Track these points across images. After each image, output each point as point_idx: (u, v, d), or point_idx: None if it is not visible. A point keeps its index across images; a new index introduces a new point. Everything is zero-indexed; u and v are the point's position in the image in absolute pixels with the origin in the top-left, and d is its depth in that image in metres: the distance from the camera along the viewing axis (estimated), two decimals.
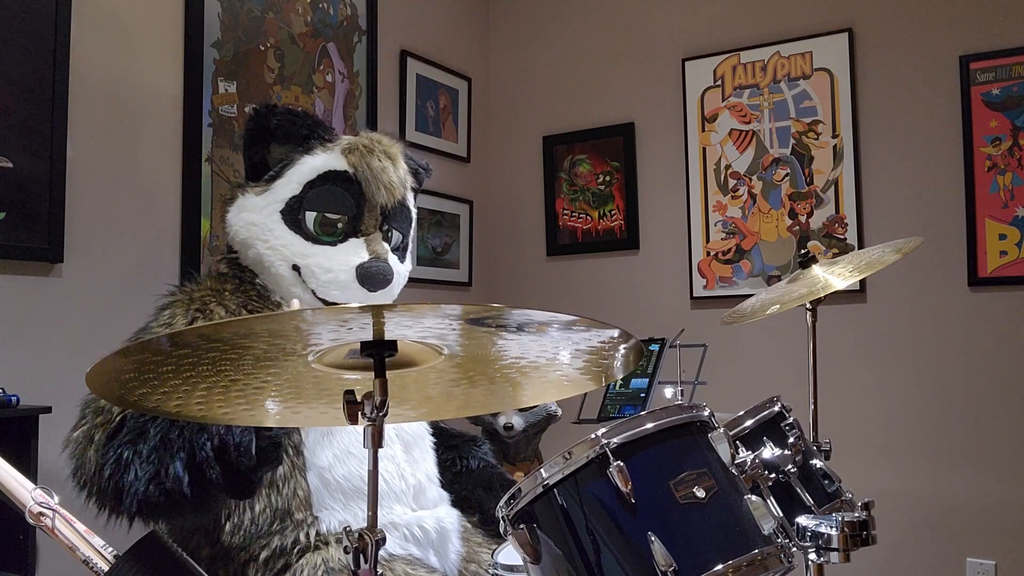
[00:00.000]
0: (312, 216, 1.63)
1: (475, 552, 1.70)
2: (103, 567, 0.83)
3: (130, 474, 1.34)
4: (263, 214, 1.64)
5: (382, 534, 0.87)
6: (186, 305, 1.58)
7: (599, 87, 3.44)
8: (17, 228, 1.93)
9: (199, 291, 1.62)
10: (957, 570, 2.66)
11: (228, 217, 1.69)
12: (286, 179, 1.65)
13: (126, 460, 1.36)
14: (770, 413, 1.51)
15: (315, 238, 1.63)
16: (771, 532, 1.06)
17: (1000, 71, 2.69)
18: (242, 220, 1.65)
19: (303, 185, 1.63)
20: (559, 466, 1.07)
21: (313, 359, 0.90)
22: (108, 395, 0.89)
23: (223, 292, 1.62)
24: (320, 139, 1.69)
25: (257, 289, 1.66)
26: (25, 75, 1.95)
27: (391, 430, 1.66)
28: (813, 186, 2.99)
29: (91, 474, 1.41)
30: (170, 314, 1.58)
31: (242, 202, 1.68)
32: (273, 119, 1.67)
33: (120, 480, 1.35)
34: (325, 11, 2.81)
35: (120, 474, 1.36)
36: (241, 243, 1.66)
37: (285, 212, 1.63)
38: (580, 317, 0.83)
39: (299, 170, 1.65)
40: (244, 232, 1.65)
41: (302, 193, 1.63)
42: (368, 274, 1.64)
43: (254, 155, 1.70)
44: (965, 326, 2.71)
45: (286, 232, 1.63)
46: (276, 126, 1.66)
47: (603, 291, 3.39)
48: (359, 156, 1.66)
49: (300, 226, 1.63)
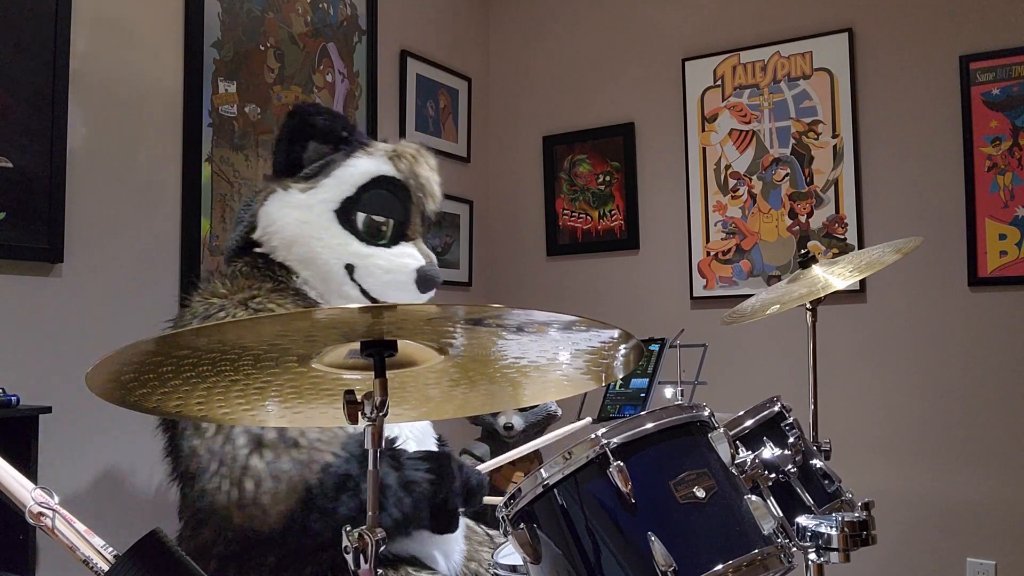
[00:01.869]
0: (362, 218, 1.64)
1: (475, 550, 1.71)
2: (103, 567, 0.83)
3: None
4: (315, 212, 1.62)
5: (382, 534, 0.87)
6: (242, 305, 1.53)
7: (599, 87, 3.44)
8: (17, 228, 1.93)
9: (242, 292, 1.57)
10: (957, 570, 2.66)
11: (267, 212, 1.64)
12: (335, 179, 1.64)
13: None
14: (770, 413, 1.51)
15: (366, 239, 1.64)
16: (771, 532, 1.06)
17: (1000, 71, 2.69)
18: (288, 217, 1.62)
19: (356, 187, 1.64)
20: (559, 466, 1.07)
21: (314, 359, 0.90)
22: (108, 395, 0.89)
23: (264, 291, 1.58)
24: (359, 143, 1.71)
25: (294, 289, 1.63)
26: (25, 75, 1.95)
27: (405, 429, 1.67)
28: (813, 186, 2.99)
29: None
30: (227, 315, 1.51)
31: (284, 197, 1.64)
32: (319, 118, 1.67)
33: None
34: (325, 11, 2.81)
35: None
36: (286, 239, 1.63)
37: (339, 212, 1.63)
38: (580, 317, 0.83)
39: (350, 172, 1.65)
40: (292, 229, 1.62)
41: (356, 195, 1.64)
42: (427, 277, 1.67)
43: (292, 152, 1.68)
44: (965, 326, 2.71)
45: (340, 231, 1.63)
46: (322, 125, 1.67)
47: (603, 291, 3.39)
48: (408, 164, 1.69)
49: (353, 226, 1.64)
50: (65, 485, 1.97)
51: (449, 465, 1.48)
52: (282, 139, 1.70)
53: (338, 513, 1.36)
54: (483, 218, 3.60)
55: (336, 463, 1.39)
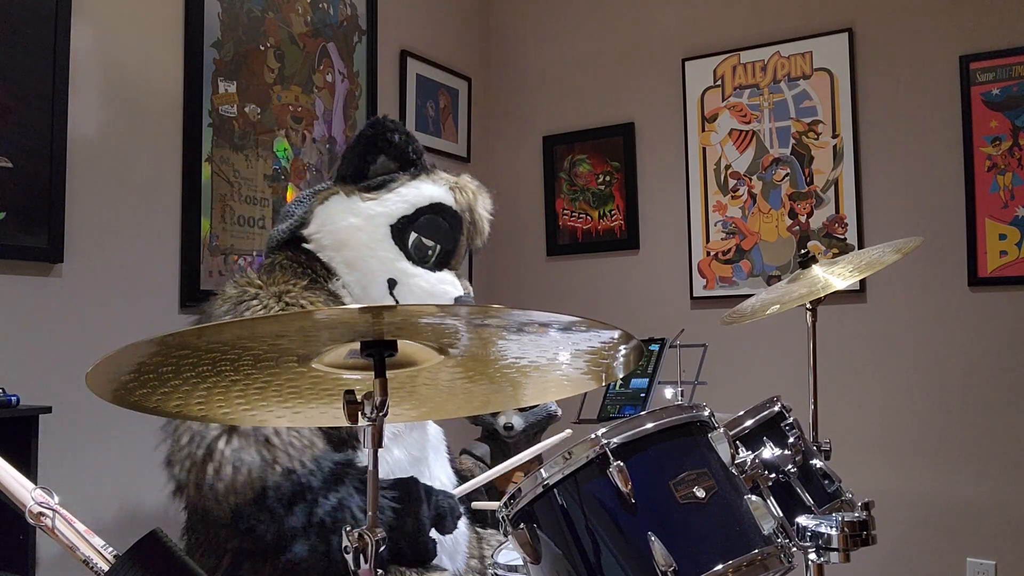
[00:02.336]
0: (413, 238, 1.67)
1: (474, 547, 1.73)
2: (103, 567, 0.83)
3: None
4: (372, 222, 1.65)
5: (382, 534, 0.87)
6: (276, 298, 1.56)
7: (599, 87, 3.44)
8: (17, 228, 1.93)
9: (279, 285, 1.60)
10: (957, 570, 2.66)
11: (327, 210, 1.67)
12: (399, 196, 1.67)
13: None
14: (770, 413, 1.51)
15: (413, 259, 1.67)
16: (771, 532, 1.06)
17: (1000, 71, 2.69)
18: (345, 220, 1.65)
19: (416, 208, 1.67)
20: (559, 466, 1.07)
21: (314, 359, 0.90)
22: (108, 395, 0.89)
23: (299, 287, 1.61)
24: (424, 167, 1.74)
25: (328, 290, 1.66)
26: (25, 75, 1.95)
27: (418, 434, 1.68)
28: (813, 186, 2.99)
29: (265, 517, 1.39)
30: (260, 305, 1.55)
31: (346, 202, 1.67)
32: (397, 135, 1.70)
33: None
34: (325, 11, 2.81)
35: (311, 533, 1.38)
36: (338, 241, 1.65)
37: (395, 228, 1.66)
38: (580, 318, 0.83)
39: (413, 192, 1.68)
40: (346, 233, 1.65)
41: (414, 215, 1.67)
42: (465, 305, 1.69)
43: (363, 161, 1.71)
44: (965, 326, 2.71)
45: (392, 247, 1.66)
46: (397, 143, 1.70)
47: (603, 291, 3.39)
48: (468, 198, 1.74)
49: (404, 244, 1.67)
50: (65, 485, 1.96)
51: (416, 491, 1.47)
52: (356, 147, 1.73)
53: (287, 522, 1.36)
54: None
55: (300, 472, 1.39)
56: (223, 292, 1.60)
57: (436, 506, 1.49)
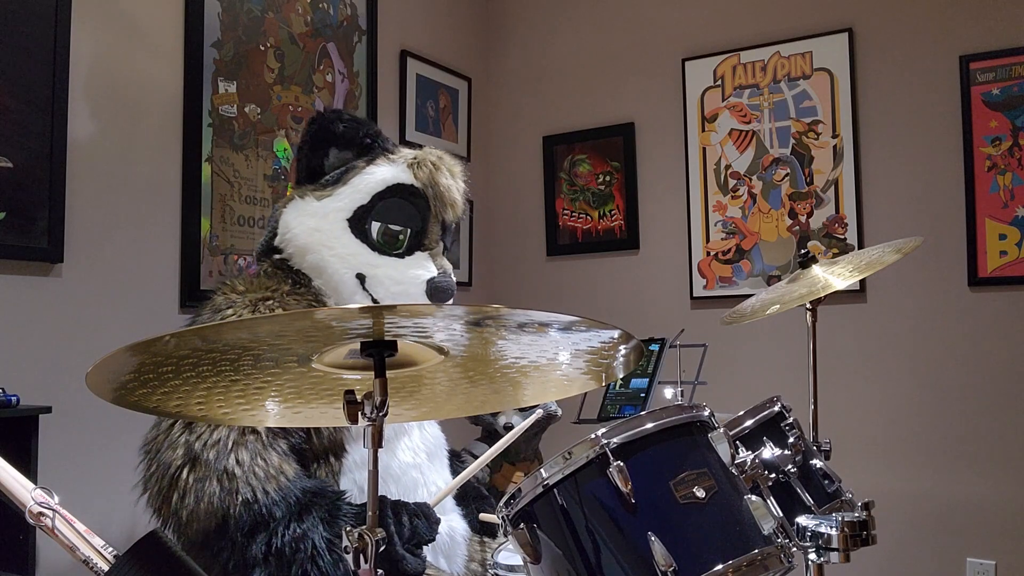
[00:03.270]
0: (377, 227, 1.62)
1: (476, 551, 1.72)
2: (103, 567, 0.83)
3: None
4: (328, 220, 1.62)
5: (382, 534, 0.87)
6: (251, 306, 1.54)
7: (599, 87, 3.44)
8: (17, 228, 1.93)
9: (258, 292, 1.58)
10: (957, 570, 2.66)
11: (285, 219, 1.65)
12: (351, 187, 1.63)
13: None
14: (770, 413, 1.51)
15: (380, 248, 1.63)
16: (771, 532, 1.06)
17: (1000, 71, 2.69)
18: (303, 225, 1.62)
19: (371, 195, 1.63)
20: (559, 466, 1.07)
21: (314, 359, 0.90)
22: (108, 395, 0.89)
23: (280, 293, 1.59)
24: (382, 149, 1.69)
25: (313, 292, 1.63)
26: (25, 75, 1.95)
27: (417, 438, 1.66)
28: (813, 186, 2.98)
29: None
30: (234, 314, 1.54)
31: (301, 205, 1.64)
32: (340, 124, 1.66)
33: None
34: (325, 11, 2.81)
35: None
36: (300, 247, 1.63)
37: (352, 220, 1.62)
38: (580, 318, 0.83)
39: (366, 179, 1.63)
40: (305, 237, 1.62)
41: (370, 203, 1.62)
42: (439, 289, 1.65)
43: (313, 158, 1.67)
44: (965, 326, 2.71)
45: (352, 241, 1.62)
46: (342, 132, 1.66)
47: (603, 291, 3.39)
48: (427, 172, 1.67)
49: (366, 235, 1.62)
50: (65, 485, 1.96)
51: (382, 510, 1.42)
52: (303, 146, 1.69)
53: (248, 551, 1.36)
54: (483, 218, 3.60)
55: (262, 501, 1.37)
56: (212, 300, 1.60)
57: (413, 528, 1.43)
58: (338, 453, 1.54)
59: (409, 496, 1.58)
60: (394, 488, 1.57)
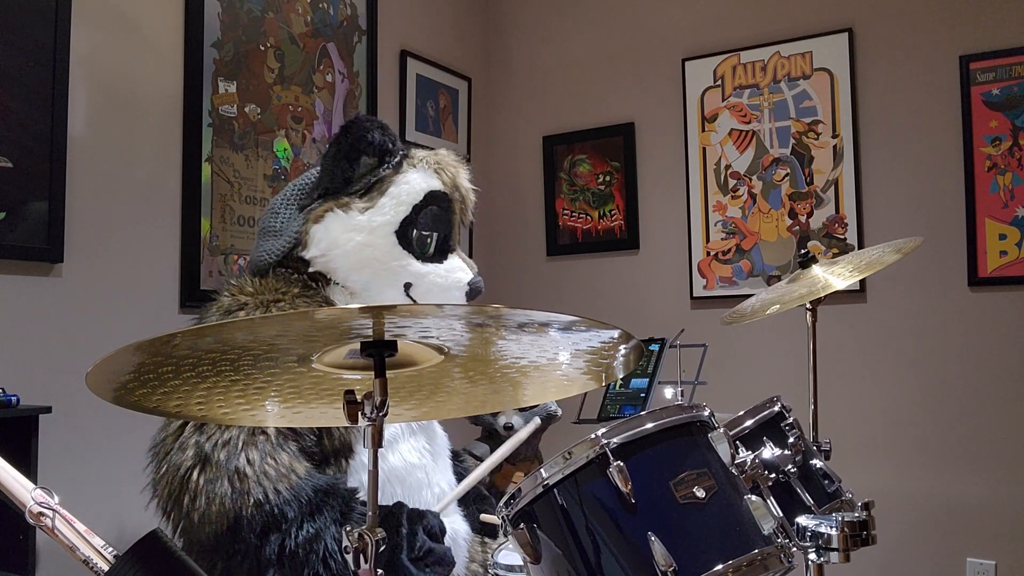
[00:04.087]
0: (414, 234, 1.64)
1: (476, 551, 1.72)
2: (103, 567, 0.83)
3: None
4: (377, 235, 1.60)
5: (382, 534, 0.87)
6: (263, 308, 1.53)
7: (599, 87, 3.44)
8: (17, 228, 1.93)
9: (268, 294, 1.57)
10: (957, 570, 2.66)
11: (329, 234, 1.59)
12: (391, 198, 1.61)
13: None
14: (770, 413, 1.51)
15: (421, 256, 1.65)
16: (771, 532, 1.06)
17: (1000, 71, 2.69)
18: (352, 240, 1.59)
19: (412, 206, 1.63)
20: (559, 466, 1.07)
21: (314, 359, 0.90)
22: (108, 395, 0.89)
23: (290, 295, 1.58)
24: (403, 154, 1.69)
25: (323, 296, 1.62)
26: (25, 74, 1.95)
27: (422, 439, 1.67)
28: (813, 186, 2.98)
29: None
30: (247, 315, 1.52)
31: (344, 219, 1.60)
32: (375, 134, 1.62)
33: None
34: (325, 11, 2.81)
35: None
36: (351, 264, 1.60)
37: (399, 233, 1.62)
38: (580, 318, 0.83)
39: (406, 190, 1.63)
40: (357, 254, 1.60)
41: (412, 214, 1.63)
42: (476, 290, 1.69)
43: (348, 169, 1.63)
44: (965, 326, 2.71)
45: (402, 253, 1.63)
46: (379, 142, 1.63)
47: (603, 291, 3.39)
48: (451, 176, 1.70)
49: (411, 245, 1.64)
50: (65, 485, 1.96)
51: (394, 520, 1.43)
52: (337, 156, 1.63)
53: (262, 552, 1.36)
54: (483, 218, 3.59)
55: (273, 501, 1.37)
56: (218, 301, 1.59)
57: (427, 529, 1.45)
58: (347, 455, 1.54)
59: (413, 496, 1.58)
60: (399, 489, 1.57)
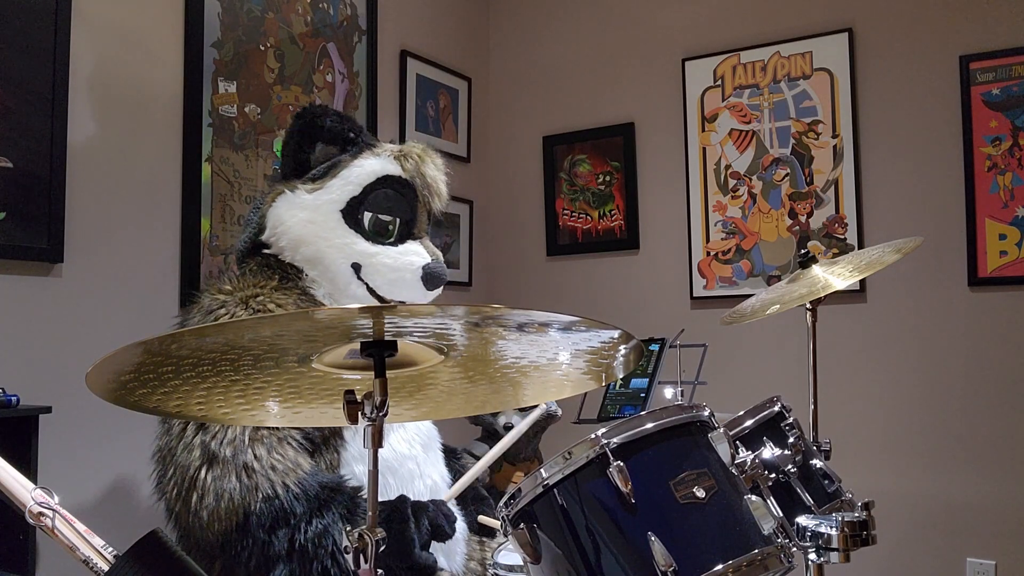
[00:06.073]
0: (368, 217, 1.66)
1: (475, 550, 1.72)
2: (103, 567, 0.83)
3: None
4: (321, 212, 1.65)
5: (382, 534, 0.87)
6: (243, 304, 1.57)
7: (599, 87, 3.44)
8: (17, 228, 1.93)
9: (247, 290, 1.60)
10: (957, 570, 2.66)
11: (275, 213, 1.67)
12: (342, 179, 1.66)
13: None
14: (770, 413, 1.51)
15: (373, 238, 1.67)
16: (771, 532, 1.06)
17: (1000, 71, 2.69)
18: (296, 217, 1.65)
19: (363, 187, 1.66)
20: (559, 466, 1.07)
21: (314, 359, 0.90)
22: (108, 395, 0.89)
23: (269, 288, 1.62)
24: (366, 143, 1.73)
25: (301, 287, 1.66)
26: (25, 75, 1.95)
27: (412, 430, 1.67)
28: (813, 186, 2.98)
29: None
30: (227, 313, 1.56)
31: (291, 199, 1.66)
32: (326, 119, 1.69)
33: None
34: (325, 11, 2.81)
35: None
36: (294, 240, 1.65)
37: (345, 212, 1.66)
38: (580, 318, 0.83)
39: (356, 172, 1.67)
40: (299, 229, 1.64)
41: (362, 195, 1.66)
42: (433, 274, 1.70)
43: (300, 153, 1.71)
44: (965, 326, 2.71)
45: (347, 231, 1.65)
46: (329, 127, 1.69)
47: (603, 291, 3.39)
48: (414, 164, 1.72)
49: (359, 225, 1.66)
50: (65, 485, 1.97)
51: (403, 511, 1.45)
52: (290, 141, 1.72)
53: (271, 547, 1.37)
54: (483, 218, 3.59)
55: (282, 496, 1.39)
56: (199, 302, 1.62)
57: (430, 521, 1.46)
58: (338, 444, 1.55)
59: (406, 487, 1.59)
60: (392, 480, 1.58)
